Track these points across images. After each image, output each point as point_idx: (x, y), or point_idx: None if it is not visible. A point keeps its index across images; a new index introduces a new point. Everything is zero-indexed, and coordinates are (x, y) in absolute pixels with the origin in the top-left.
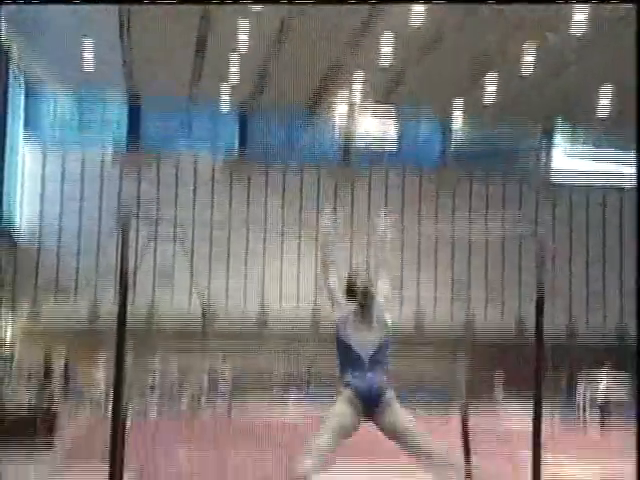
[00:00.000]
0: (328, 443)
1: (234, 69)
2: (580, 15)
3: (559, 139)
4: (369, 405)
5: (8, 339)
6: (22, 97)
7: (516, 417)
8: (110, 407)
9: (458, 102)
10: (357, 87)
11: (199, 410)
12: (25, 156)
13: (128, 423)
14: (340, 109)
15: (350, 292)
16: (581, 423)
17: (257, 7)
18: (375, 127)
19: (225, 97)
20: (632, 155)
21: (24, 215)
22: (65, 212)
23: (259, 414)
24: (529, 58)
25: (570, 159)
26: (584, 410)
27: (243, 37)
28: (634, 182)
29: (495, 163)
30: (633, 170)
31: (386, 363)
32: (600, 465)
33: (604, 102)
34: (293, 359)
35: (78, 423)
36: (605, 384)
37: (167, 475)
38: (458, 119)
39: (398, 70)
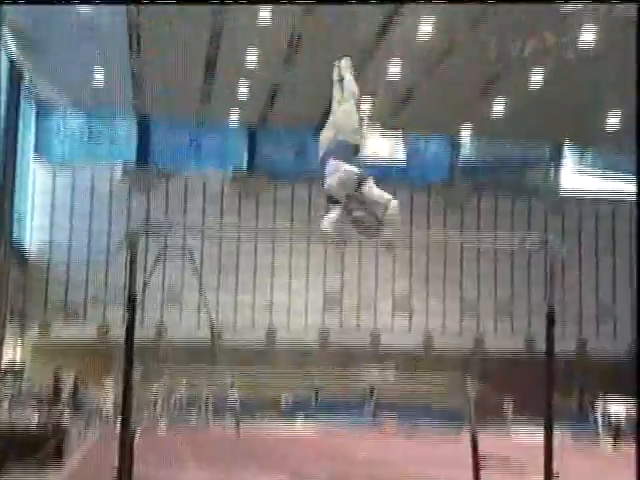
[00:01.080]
0: None
1: (243, 86)
2: (588, 35)
3: (567, 154)
4: None
5: (18, 357)
6: (33, 115)
7: (527, 438)
8: (119, 424)
9: (466, 117)
10: (366, 104)
11: (208, 427)
12: (36, 174)
13: (136, 439)
14: None
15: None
16: (593, 441)
17: (267, 23)
18: (383, 143)
19: (234, 114)
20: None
21: (34, 232)
22: (74, 229)
23: (268, 430)
24: (537, 75)
25: (579, 174)
26: (597, 428)
27: (252, 58)
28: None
29: (503, 178)
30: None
31: None
32: None
33: (613, 118)
34: (301, 376)
35: (87, 440)
36: (617, 402)
37: None
38: (466, 134)
39: (406, 86)
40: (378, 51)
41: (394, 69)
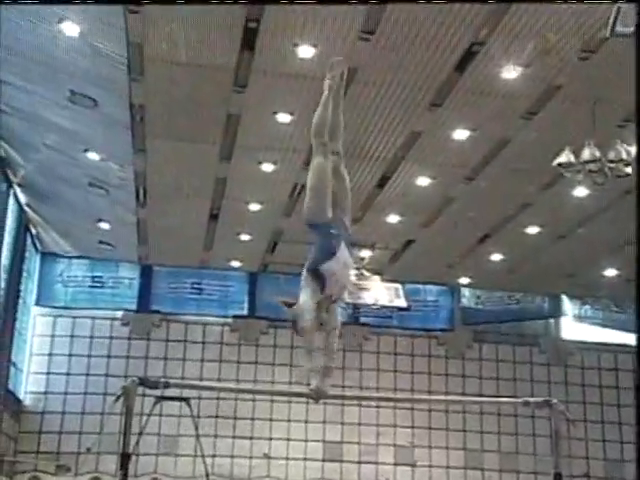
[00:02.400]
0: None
1: (245, 233)
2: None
3: (567, 305)
4: None
5: None
6: (38, 262)
7: None
8: None
9: (465, 267)
10: (365, 253)
11: None
12: (36, 320)
13: None
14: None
15: None
16: None
17: (270, 174)
18: (383, 291)
19: (236, 260)
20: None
21: (30, 382)
22: (71, 377)
23: None
24: (533, 227)
25: (579, 324)
26: None
27: (254, 206)
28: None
29: (504, 327)
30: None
31: None
32: None
33: (611, 269)
34: None
35: None
36: None
37: None
38: (465, 283)
39: (404, 236)
40: (376, 203)
41: (392, 220)
